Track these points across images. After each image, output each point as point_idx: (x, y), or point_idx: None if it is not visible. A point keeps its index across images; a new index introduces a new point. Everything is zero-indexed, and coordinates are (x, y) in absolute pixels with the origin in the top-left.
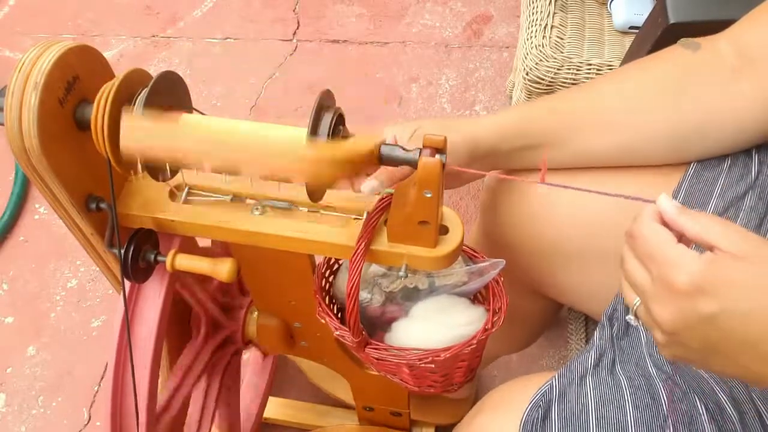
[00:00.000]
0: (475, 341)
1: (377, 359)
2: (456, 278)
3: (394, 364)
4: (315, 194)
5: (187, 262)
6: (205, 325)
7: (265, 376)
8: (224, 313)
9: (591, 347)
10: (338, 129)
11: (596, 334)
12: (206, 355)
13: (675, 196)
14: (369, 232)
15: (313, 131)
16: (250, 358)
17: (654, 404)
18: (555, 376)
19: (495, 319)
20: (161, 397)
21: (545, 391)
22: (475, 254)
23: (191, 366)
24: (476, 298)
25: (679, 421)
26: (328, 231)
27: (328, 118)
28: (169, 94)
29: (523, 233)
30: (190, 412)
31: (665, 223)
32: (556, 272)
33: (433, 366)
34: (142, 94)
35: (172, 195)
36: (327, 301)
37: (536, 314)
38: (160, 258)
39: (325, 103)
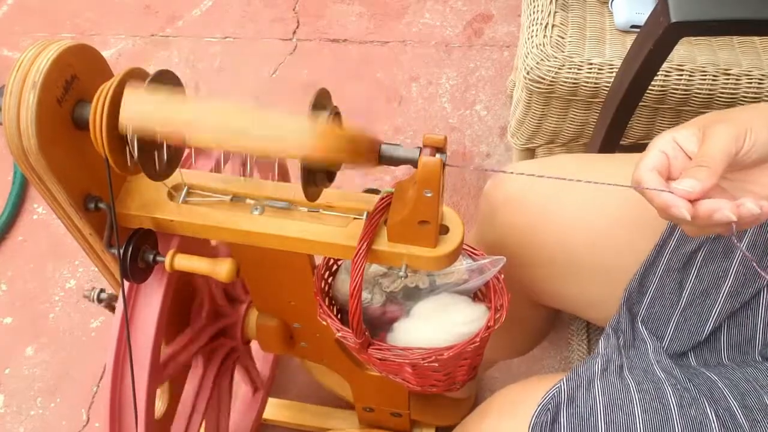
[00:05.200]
0: (478, 339)
1: (380, 359)
2: (456, 276)
3: (397, 364)
4: (311, 194)
5: (186, 263)
6: (208, 306)
7: (263, 384)
8: (220, 336)
9: (597, 355)
10: None
11: (601, 343)
12: (207, 335)
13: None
14: (370, 232)
15: None
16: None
17: (663, 410)
18: (563, 380)
19: (497, 316)
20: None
21: (553, 394)
22: (474, 252)
23: (192, 339)
24: (476, 296)
25: (689, 427)
26: (328, 231)
27: (324, 117)
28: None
29: (521, 245)
30: (183, 402)
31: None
32: (555, 283)
33: (436, 365)
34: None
35: (171, 195)
36: (327, 303)
37: (536, 321)
38: (159, 258)
39: (321, 101)
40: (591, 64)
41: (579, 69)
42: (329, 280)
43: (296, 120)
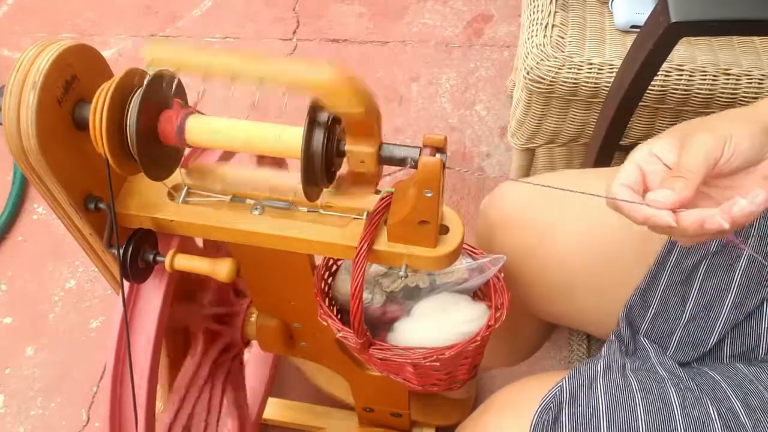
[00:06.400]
0: (478, 338)
1: (381, 359)
2: (457, 276)
3: (399, 363)
4: (311, 194)
5: (186, 262)
6: (202, 341)
7: (264, 377)
8: (221, 323)
9: (600, 356)
10: (335, 128)
11: (605, 346)
12: (206, 369)
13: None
14: (371, 233)
15: (309, 130)
16: (249, 358)
17: (665, 409)
18: (565, 379)
19: (497, 315)
20: (164, 417)
21: (555, 393)
22: (474, 251)
23: (191, 382)
24: (476, 294)
25: (691, 427)
26: (328, 231)
27: (324, 118)
28: (165, 93)
29: (519, 266)
30: (195, 422)
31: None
32: (553, 302)
33: (437, 364)
34: (137, 93)
35: (171, 195)
36: (327, 303)
37: (533, 332)
38: (159, 258)
39: (321, 102)
40: (591, 64)
41: (579, 69)
42: (329, 280)
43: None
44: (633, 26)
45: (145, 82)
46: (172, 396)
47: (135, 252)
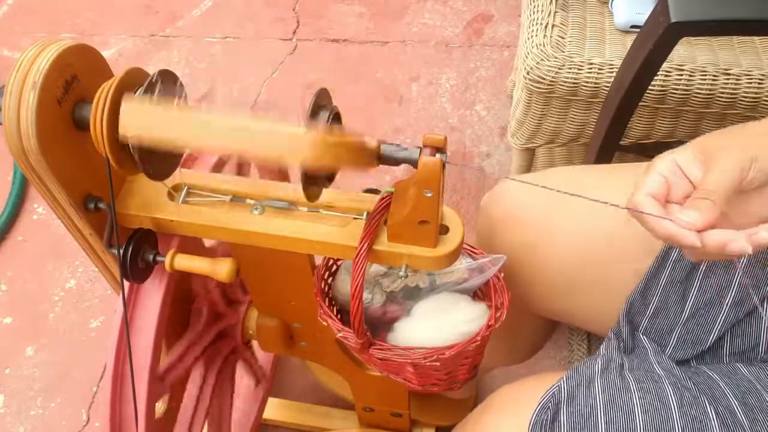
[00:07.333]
0: (479, 338)
1: (381, 359)
2: (457, 275)
3: (399, 363)
4: (311, 194)
5: (186, 262)
6: (206, 311)
7: (264, 377)
8: (226, 303)
9: (598, 355)
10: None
11: (603, 345)
12: (206, 340)
13: None
14: (371, 233)
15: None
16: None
17: (663, 408)
18: (563, 378)
19: (498, 315)
20: (159, 367)
21: (554, 393)
22: (474, 251)
23: (191, 346)
24: (476, 294)
25: (689, 426)
26: (328, 231)
27: (324, 117)
28: (165, 93)
29: (520, 263)
30: (184, 405)
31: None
32: (554, 299)
33: (438, 364)
34: (138, 93)
35: (171, 195)
36: (327, 303)
37: (534, 330)
38: (159, 258)
39: (321, 102)
40: (591, 64)
41: (579, 69)
42: (329, 280)
43: (290, 129)
44: (633, 26)
45: (146, 82)
46: (171, 351)
47: (135, 252)
